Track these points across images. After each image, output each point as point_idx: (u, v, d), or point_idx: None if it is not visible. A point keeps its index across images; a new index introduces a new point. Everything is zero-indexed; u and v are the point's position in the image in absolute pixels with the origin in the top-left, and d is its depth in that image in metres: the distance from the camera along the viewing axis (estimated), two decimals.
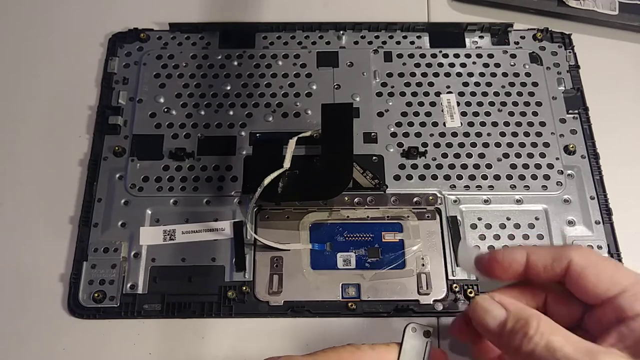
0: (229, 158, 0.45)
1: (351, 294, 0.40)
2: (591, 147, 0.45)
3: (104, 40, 0.50)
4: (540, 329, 0.26)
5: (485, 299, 0.29)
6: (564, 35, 0.50)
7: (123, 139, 0.46)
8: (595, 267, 0.28)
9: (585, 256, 0.28)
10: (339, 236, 0.42)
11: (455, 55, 0.49)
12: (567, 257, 0.28)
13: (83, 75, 0.49)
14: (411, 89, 0.48)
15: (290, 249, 0.41)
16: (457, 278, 0.40)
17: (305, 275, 0.40)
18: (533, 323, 0.27)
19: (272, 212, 0.43)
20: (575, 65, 0.49)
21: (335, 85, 0.48)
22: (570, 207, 0.43)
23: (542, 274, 0.29)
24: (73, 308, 0.40)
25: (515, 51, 0.49)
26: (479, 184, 0.44)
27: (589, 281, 0.28)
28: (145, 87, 0.48)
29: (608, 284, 0.27)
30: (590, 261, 0.28)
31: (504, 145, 0.45)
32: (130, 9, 0.52)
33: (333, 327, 0.39)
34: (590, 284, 0.28)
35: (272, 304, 0.40)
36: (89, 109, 0.47)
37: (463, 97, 0.47)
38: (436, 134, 0.46)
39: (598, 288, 0.28)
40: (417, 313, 0.39)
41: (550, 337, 0.26)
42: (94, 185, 0.44)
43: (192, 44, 0.50)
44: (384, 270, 0.41)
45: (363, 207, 0.43)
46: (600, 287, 0.28)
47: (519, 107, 0.47)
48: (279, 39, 0.50)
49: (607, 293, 0.27)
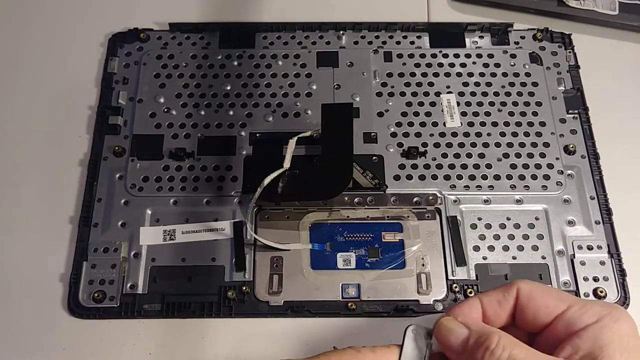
0: (229, 158, 0.45)
1: (351, 294, 0.40)
2: (591, 147, 0.45)
3: (104, 40, 0.50)
4: (501, 343, 0.27)
5: (449, 320, 0.30)
6: (564, 35, 0.50)
7: (123, 139, 0.46)
8: (541, 290, 0.30)
9: (531, 284, 0.30)
10: (339, 236, 0.42)
11: (455, 55, 0.49)
12: (514, 287, 0.30)
13: (83, 75, 0.49)
14: (411, 89, 0.48)
15: (290, 249, 0.41)
16: (457, 278, 0.40)
17: (305, 275, 0.40)
18: (494, 338, 0.28)
19: (272, 212, 0.43)
20: (575, 65, 0.49)
21: (335, 85, 0.48)
22: (570, 207, 0.43)
23: (498, 310, 0.30)
24: (73, 308, 0.40)
25: (515, 51, 0.49)
26: (479, 184, 0.44)
27: (538, 302, 0.29)
28: (145, 87, 0.48)
29: (556, 302, 0.29)
30: (535, 287, 0.30)
31: (504, 145, 0.45)
32: (130, 9, 0.52)
33: (333, 327, 0.39)
34: (540, 303, 0.29)
35: (272, 304, 0.40)
36: (89, 109, 0.47)
37: (463, 97, 0.47)
38: (436, 134, 0.46)
39: (547, 307, 0.29)
40: (417, 313, 0.39)
41: (513, 351, 0.27)
42: (94, 185, 0.44)
43: (192, 44, 0.50)
44: (384, 270, 0.41)
45: (363, 207, 0.43)
46: (549, 306, 0.29)
47: (519, 107, 0.47)
48: (279, 39, 0.50)
49: (556, 310, 0.29)
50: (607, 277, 0.41)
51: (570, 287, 0.40)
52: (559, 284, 0.40)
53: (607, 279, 0.41)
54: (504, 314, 0.30)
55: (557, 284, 0.40)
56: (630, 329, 0.28)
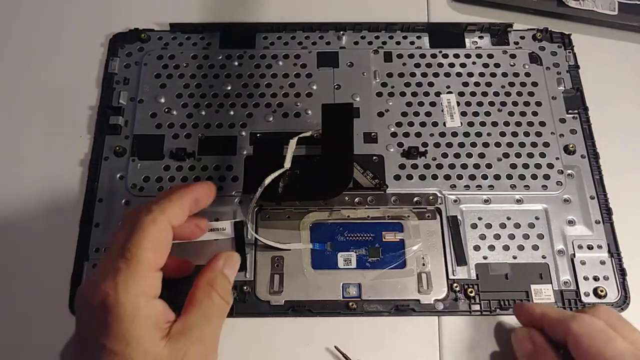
0: (229, 158, 0.45)
1: (352, 294, 0.40)
2: (591, 147, 0.45)
3: (105, 41, 0.50)
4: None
5: (522, 331, 0.37)
6: (563, 35, 0.50)
7: (124, 139, 0.46)
8: (588, 337, 0.32)
9: (582, 327, 0.33)
10: (339, 236, 0.42)
11: (455, 55, 0.49)
12: (567, 324, 0.33)
13: (84, 76, 0.49)
14: (411, 89, 0.48)
15: (291, 249, 0.41)
16: (457, 277, 0.41)
17: (306, 274, 0.41)
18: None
19: (272, 211, 0.43)
20: (575, 65, 0.49)
21: (335, 86, 0.48)
22: (570, 206, 0.43)
23: (554, 330, 0.35)
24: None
25: (515, 51, 0.50)
26: (479, 183, 0.44)
27: (582, 349, 0.32)
28: (146, 87, 0.48)
29: (595, 354, 0.32)
30: (584, 332, 0.33)
31: (504, 145, 0.45)
32: (131, 10, 0.52)
33: (334, 327, 0.39)
34: (582, 351, 0.32)
35: (273, 304, 0.40)
36: (89, 109, 0.47)
37: (463, 97, 0.47)
38: (436, 134, 0.46)
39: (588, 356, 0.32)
40: (417, 312, 0.40)
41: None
42: (95, 185, 0.44)
43: (193, 44, 0.50)
44: (385, 269, 0.41)
45: (363, 207, 0.43)
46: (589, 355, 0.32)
47: (518, 107, 0.47)
48: (279, 39, 0.50)
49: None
50: (607, 276, 0.41)
51: (570, 286, 0.41)
52: (559, 284, 0.41)
53: (608, 279, 0.41)
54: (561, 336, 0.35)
55: (558, 283, 0.41)
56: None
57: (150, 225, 0.32)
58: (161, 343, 0.30)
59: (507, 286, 0.41)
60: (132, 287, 0.30)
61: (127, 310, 0.29)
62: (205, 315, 0.32)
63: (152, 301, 0.31)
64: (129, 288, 0.30)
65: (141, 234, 0.31)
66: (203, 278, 0.34)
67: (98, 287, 0.30)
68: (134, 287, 0.30)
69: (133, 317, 0.30)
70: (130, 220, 0.33)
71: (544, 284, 0.41)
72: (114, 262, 0.31)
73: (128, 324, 0.29)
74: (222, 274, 0.35)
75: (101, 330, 0.29)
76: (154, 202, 0.33)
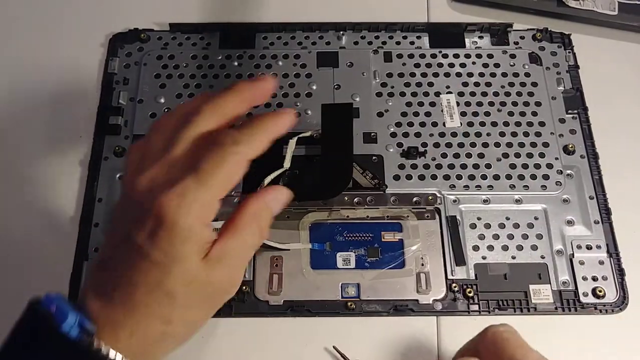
0: None
1: (351, 294, 0.40)
2: (590, 147, 0.45)
3: (105, 41, 0.50)
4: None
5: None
6: (563, 35, 0.50)
7: (124, 139, 0.46)
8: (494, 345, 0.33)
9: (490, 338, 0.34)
10: (338, 236, 0.42)
11: (455, 55, 0.49)
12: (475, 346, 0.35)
13: (83, 76, 0.49)
14: (411, 89, 0.48)
15: (290, 249, 0.41)
16: (456, 277, 0.41)
17: (305, 274, 0.41)
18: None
19: None
20: (575, 66, 0.49)
21: (335, 86, 0.48)
22: (570, 206, 0.43)
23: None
24: None
25: (515, 51, 0.49)
26: (478, 183, 0.44)
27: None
28: (145, 87, 0.48)
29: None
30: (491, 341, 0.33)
31: (504, 145, 0.45)
32: (131, 10, 0.52)
33: (333, 327, 0.39)
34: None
35: (272, 304, 0.40)
36: (89, 109, 0.47)
37: (462, 97, 0.47)
38: (436, 134, 0.46)
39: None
40: (416, 312, 0.40)
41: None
42: (94, 185, 0.44)
43: (193, 45, 0.50)
44: (384, 269, 0.41)
45: (363, 207, 0.43)
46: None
47: (518, 107, 0.47)
48: (279, 39, 0.50)
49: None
50: (606, 276, 0.41)
51: (569, 286, 0.41)
52: (558, 284, 0.41)
53: (606, 279, 0.41)
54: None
55: (556, 283, 0.41)
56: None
57: (232, 157, 0.31)
58: (200, 264, 0.31)
59: (505, 286, 0.41)
60: (194, 211, 0.30)
61: (182, 233, 0.30)
62: (243, 244, 0.33)
63: (205, 228, 0.31)
64: (192, 212, 0.30)
65: (220, 162, 0.31)
66: (249, 207, 0.33)
67: (158, 197, 0.30)
68: (196, 212, 0.30)
69: (185, 239, 0.30)
70: (210, 137, 0.32)
71: (543, 284, 0.41)
72: (182, 177, 0.30)
73: (179, 244, 0.30)
74: (268, 207, 0.34)
75: (150, 240, 0.30)
76: (243, 132, 0.32)
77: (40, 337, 0.30)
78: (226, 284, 0.33)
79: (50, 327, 0.29)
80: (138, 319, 0.30)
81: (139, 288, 0.30)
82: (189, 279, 0.30)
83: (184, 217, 0.29)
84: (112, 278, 0.31)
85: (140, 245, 0.30)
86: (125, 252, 0.31)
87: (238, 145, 0.31)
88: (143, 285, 0.30)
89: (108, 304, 0.31)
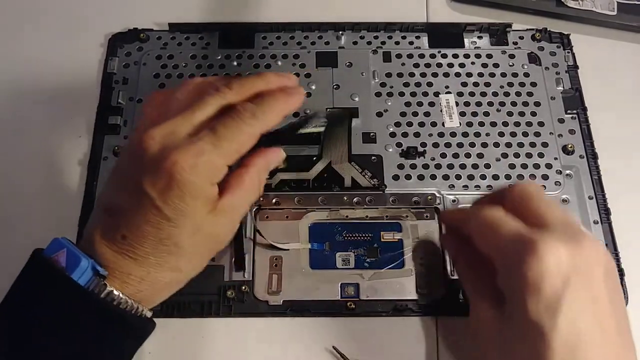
0: None
1: (350, 294, 0.40)
2: (589, 147, 0.45)
3: (104, 41, 0.50)
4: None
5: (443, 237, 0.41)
6: (562, 35, 0.50)
7: (123, 139, 0.46)
8: (478, 234, 0.35)
9: (474, 225, 0.36)
10: (338, 236, 0.42)
11: (454, 55, 0.49)
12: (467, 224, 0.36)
13: (83, 75, 0.49)
14: (410, 89, 0.48)
15: (289, 249, 0.41)
16: (455, 277, 0.41)
17: (304, 274, 0.41)
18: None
19: (271, 211, 0.43)
20: (574, 66, 0.49)
21: (334, 86, 0.48)
22: (569, 207, 0.43)
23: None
24: None
25: (514, 51, 0.50)
26: (477, 183, 0.44)
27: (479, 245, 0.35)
28: (145, 87, 0.48)
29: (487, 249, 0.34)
30: (475, 231, 0.35)
31: (503, 145, 0.45)
32: (130, 9, 0.52)
33: (332, 327, 0.39)
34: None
35: (272, 304, 0.40)
36: (88, 109, 0.47)
37: (462, 97, 0.47)
38: (435, 134, 0.46)
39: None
40: (415, 313, 0.40)
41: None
42: (94, 185, 0.44)
43: (192, 44, 0.50)
44: (383, 269, 0.41)
45: (362, 207, 0.43)
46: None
47: (517, 107, 0.47)
48: (278, 39, 0.50)
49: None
50: None
51: None
52: None
53: None
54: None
55: None
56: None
57: (248, 129, 0.33)
58: (207, 217, 0.33)
59: None
60: (206, 172, 0.32)
61: (193, 191, 0.31)
62: (246, 197, 0.35)
63: (213, 187, 0.33)
64: (204, 172, 0.32)
65: (237, 131, 0.33)
66: (255, 165, 0.35)
67: (173, 155, 0.31)
68: (208, 173, 0.32)
69: (195, 197, 0.32)
70: (231, 108, 0.33)
71: None
72: (200, 138, 0.32)
73: (189, 201, 0.31)
74: (268, 166, 0.37)
75: (162, 195, 0.31)
76: (260, 103, 0.34)
77: (49, 282, 0.31)
78: (228, 234, 0.36)
79: (60, 272, 0.31)
80: (148, 267, 0.32)
81: (149, 239, 0.32)
82: (195, 231, 0.33)
83: (195, 176, 0.31)
84: (122, 225, 0.32)
85: (153, 199, 0.31)
86: (136, 202, 0.32)
87: (255, 119, 0.33)
88: (153, 236, 0.32)
89: (117, 251, 0.32)
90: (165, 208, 0.31)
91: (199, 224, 0.33)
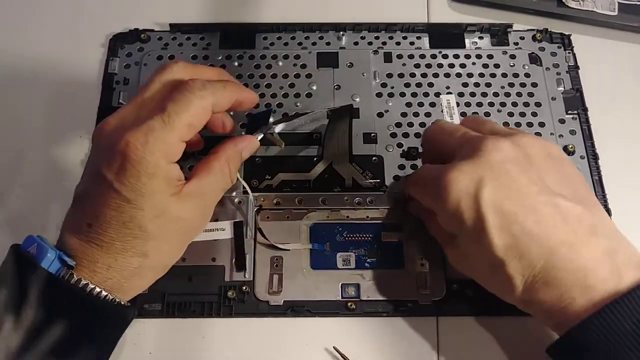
0: None
1: (351, 294, 0.40)
2: (590, 148, 0.45)
3: (105, 41, 0.50)
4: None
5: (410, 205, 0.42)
6: (563, 35, 0.50)
7: None
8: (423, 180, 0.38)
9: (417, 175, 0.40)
10: (338, 236, 0.42)
11: (455, 55, 0.49)
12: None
13: (84, 76, 0.49)
14: (411, 90, 0.48)
15: (290, 249, 0.41)
16: (456, 278, 0.41)
17: (305, 275, 0.41)
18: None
19: (272, 212, 0.43)
20: (575, 66, 0.49)
21: (335, 86, 0.48)
22: None
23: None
24: None
25: (515, 52, 0.50)
26: None
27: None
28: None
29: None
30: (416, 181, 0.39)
31: None
32: (131, 10, 0.52)
33: (333, 327, 0.39)
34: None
35: (272, 304, 0.40)
36: (89, 109, 0.47)
37: (463, 98, 0.47)
38: None
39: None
40: (416, 313, 0.40)
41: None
42: None
43: (193, 45, 0.50)
44: (384, 270, 0.41)
45: (363, 207, 0.43)
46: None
47: (518, 108, 0.47)
48: (279, 39, 0.50)
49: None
50: None
51: None
52: None
53: None
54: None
55: None
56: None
57: (198, 101, 0.33)
58: (171, 199, 0.33)
59: None
60: (160, 148, 0.32)
61: (149, 169, 0.32)
62: (215, 184, 0.36)
63: (171, 164, 0.33)
64: (157, 149, 0.32)
65: (186, 105, 0.33)
66: (224, 153, 0.36)
67: (125, 136, 0.32)
68: (161, 149, 0.32)
69: (152, 175, 0.32)
70: (180, 83, 0.34)
71: None
72: (149, 117, 0.33)
73: (145, 179, 0.32)
74: (240, 155, 0.38)
75: (119, 176, 0.32)
76: (211, 82, 0.35)
77: (23, 274, 0.32)
78: (197, 220, 0.36)
79: (31, 262, 0.32)
80: (114, 253, 0.33)
81: (112, 224, 0.32)
82: (159, 213, 0.33)
83: (149, 154, 0.32)
84: (86, 214, 0.33)
85: (110, 182, 0.32)
86: (96, 188, 0.33)
87: (204, 91, 0.34)
88: (115, 221, 0.32)
89: (84, 240, 0.33)
90: (123, 189, 0.32)
91: (161, 206, 0.33)
